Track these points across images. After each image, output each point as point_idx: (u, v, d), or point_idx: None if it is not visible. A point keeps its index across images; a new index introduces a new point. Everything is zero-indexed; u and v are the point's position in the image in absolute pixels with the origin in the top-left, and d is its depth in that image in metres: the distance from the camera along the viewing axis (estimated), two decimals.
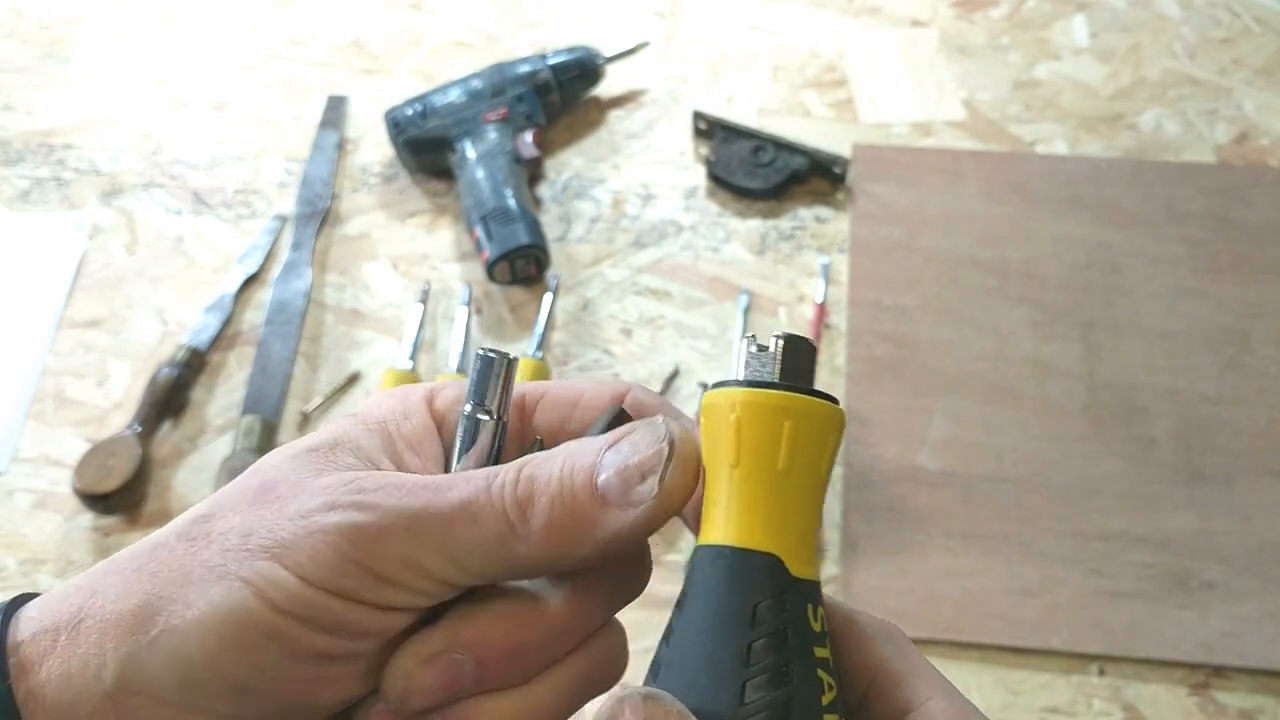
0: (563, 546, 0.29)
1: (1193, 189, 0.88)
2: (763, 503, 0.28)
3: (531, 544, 0.29)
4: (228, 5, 1.05)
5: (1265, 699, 0.67)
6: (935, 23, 1.01)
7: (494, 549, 0.29)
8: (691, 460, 0.30)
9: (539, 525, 0.29)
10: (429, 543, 0.28)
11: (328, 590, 0.28)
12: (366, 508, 0.28)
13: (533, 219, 0.84)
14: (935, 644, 0.69)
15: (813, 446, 0.28)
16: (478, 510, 0.29)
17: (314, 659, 0.28)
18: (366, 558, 0.28)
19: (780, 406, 0.27)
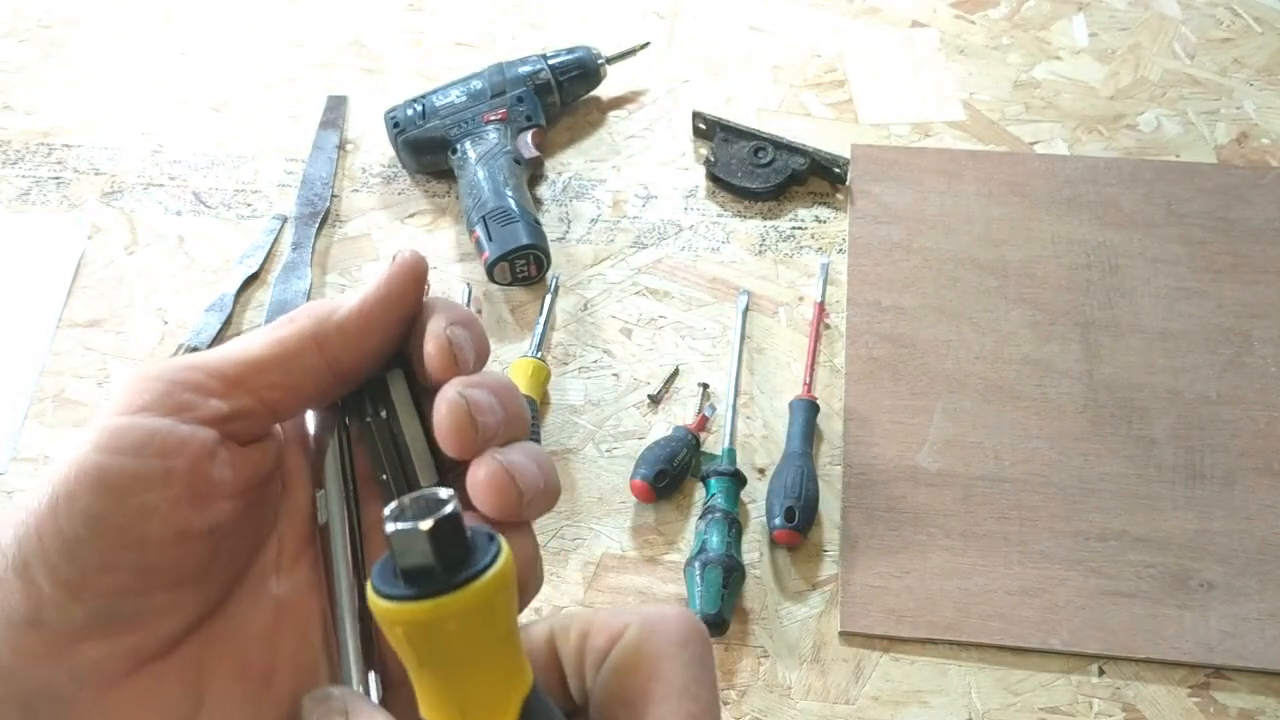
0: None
1: (1193, 189, 0.88)
2: (418, 688, 0.29)
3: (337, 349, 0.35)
4: (228, 5, 1.05)
5: (1265, 699, 0.67)
6: (935, 23, 1.01)
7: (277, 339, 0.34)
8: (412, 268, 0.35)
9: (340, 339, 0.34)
10: (221, 353, 0.33)
11: (128, 411, 0.31)
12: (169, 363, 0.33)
13: (533, 219, 0.84)
14: (935, 644, 0.69)
15: (428, 642, 0.28)
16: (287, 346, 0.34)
17: (126, 487, 0.30)
18: (160, 370, 0.32)
19: (387, 618, 0.27)
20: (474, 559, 0.27)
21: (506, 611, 0.28)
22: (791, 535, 0.72)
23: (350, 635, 0.33)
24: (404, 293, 0.35)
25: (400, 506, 0.27)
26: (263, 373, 0.33)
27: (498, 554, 0.28)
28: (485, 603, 0.27)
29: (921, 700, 0.68)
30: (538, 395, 0.78)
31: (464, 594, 0.27)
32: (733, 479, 0.73)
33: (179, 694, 0.31)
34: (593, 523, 0.75)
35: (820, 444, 0.77)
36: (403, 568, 0.27)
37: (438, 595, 0.27)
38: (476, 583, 0.27)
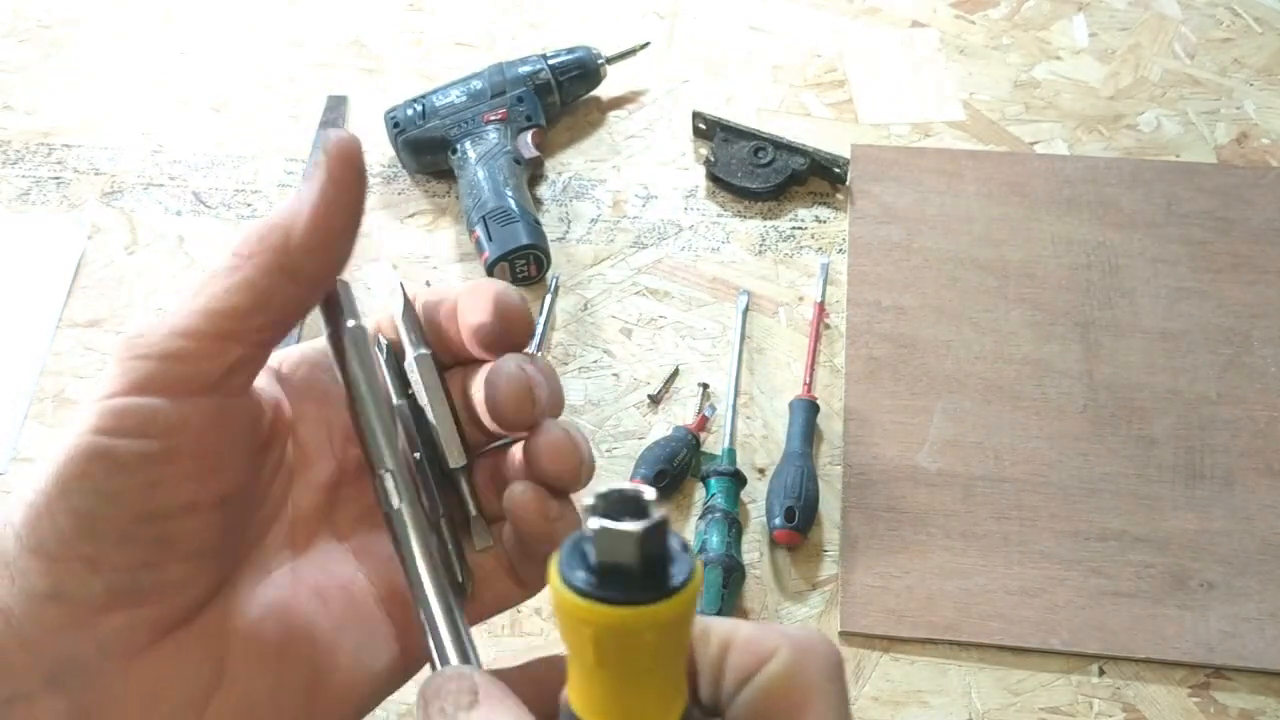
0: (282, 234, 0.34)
1: (1193, 189, 0.88)
2: (582, 686, 0.28)
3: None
4: (228, 5, 1.05)
5: (1265, 699, 0.67)
6: (935, 23, 1.01)
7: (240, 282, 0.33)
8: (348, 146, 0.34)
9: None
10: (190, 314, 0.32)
11: (117, 393, 0.31)
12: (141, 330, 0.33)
13: (533, 219, 0.84)
14: (935, 644, 0.69)
15: (618, 648, 0.27)
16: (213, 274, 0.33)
17: (133, 466, 0.30)
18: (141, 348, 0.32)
19: (579, 616, 0.26)
20: (673, 568, 0.27)
21: (689, 630, 0.28)
22: (791, 535, 0.72)
23: (443, 623, 0.34)
24: (351, 187, 0.34)
25: (600, 500, 0.27)
26: (247, 319, 0.32)
27: (694, 565, 0.27)
28: (683, 615, 0.27)
29: (921, 700, 0.68)
30: None
31: (667, 605, 0.26)
32: (733, 479, 0.73)
33: (201, 662, 0.32)
34: None
35: (820, 444, 0.77)
36: (603, 568, 0.26)
37: (642, 603, 0.26)
38: (679, 595, 0.26)
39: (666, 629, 0.27)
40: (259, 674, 0.33)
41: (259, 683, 0.33)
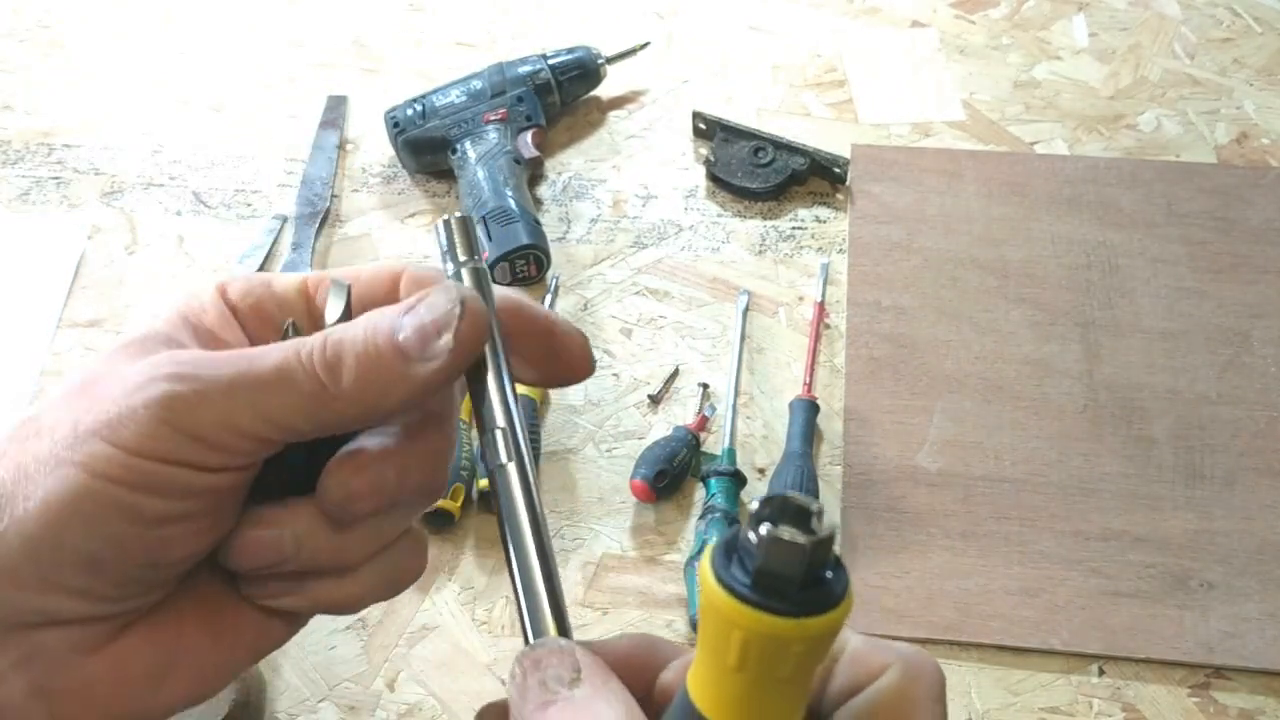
0: (371, 399, 0.32)
1: (1193, 189, 0.88)
2: (714, 683, 0.28)
3: (343, 400, 0.32)
4: (228, 5, 1.05)
5: (1265, 699, 0.67)
6: (935, 23, 1.01)
7: (308, 407, 0.32)
8: (480, 317, 0.33)
9: (349, 381, 0.32)
10: (246, 405, 0.31)
11: (155, 458, 0.30)
12: (185, 378, 0.31)
13: (533, 219, 0.84)
14: (935, 644, 0.69)
15: (764, 655, 0.27)
16: (291, 372, 0.31)
17: (154, 523, 0.31)
18: (188, 423, 0.30)
19: (731, 618, 0.26)
20: (832, 582, 0.27)
21: (798, 661, 0.28)
22: None
23: (543, 589, 0.33)
24: (464, 362, 0.34)
25: (767, 506, 0.27)
26: (300, 435, 0.32)
27: (848, 582, 0.27)
28: (834, 630, 0.27)
29: None
30: (538, 395, 0.78)
31: (823, 619, 0.26)
32: (733, 479, 0.73)
33: (158, 646, 0.33)
34: (593, 523, 0.75)
35: (820, 444, 0.77)
36: (763, 574, 0.26)
37: (799, 615, 0.26)
38: (836, 610, 0.26)
39: (816, 643, 0.27)
40: (211, 650, 0.34)
41: (212, 655, 0.34)
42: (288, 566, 0.33)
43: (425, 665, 0.69)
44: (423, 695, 0.68)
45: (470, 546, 0.74)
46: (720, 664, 0.27)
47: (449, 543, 0.74)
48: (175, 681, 0.33)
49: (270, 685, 0.68)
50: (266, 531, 0.33)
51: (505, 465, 0.34)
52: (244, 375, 0.31)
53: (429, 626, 0.71)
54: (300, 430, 0.32)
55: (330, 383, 0.31)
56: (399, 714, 0.68)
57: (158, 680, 0.33)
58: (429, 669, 0.69)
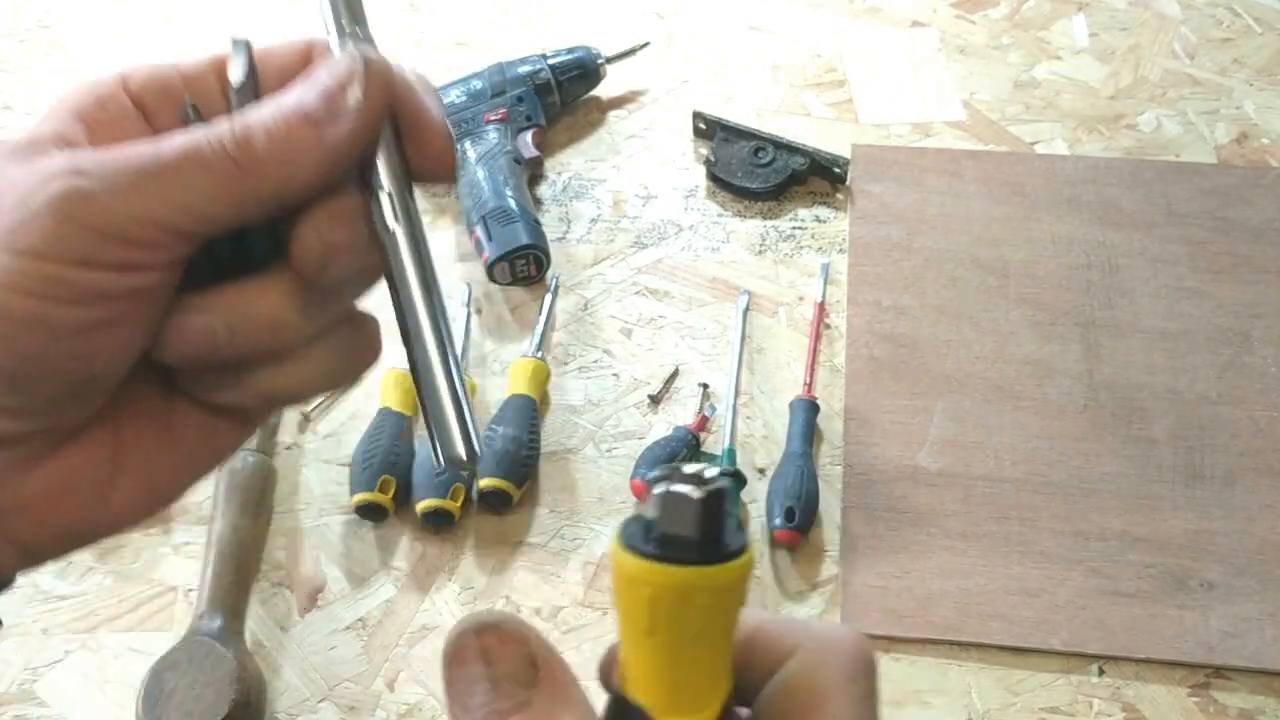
0: (286, 172, 0.30)
1: (1193, 189, 0.88)
2: (633, 659, 0.29)
3: (256, 176, 0.30)
4: (228, 6, 1.05)
5: (1265, 699, 0.67)
6: (935, 23, 1.01)
7: (222, 189, 0.30)
8: (385, 71, 0.31)
9: (261, 156, 0.30)
10: (157, 194, 0.29)
11: (66, 261, 0.28)
12: (86, 173, 0.29)
13: (533, 219, 0.84)
14: (935, 644, 0.69)
15: (671, 610, 0.28)
16: (200, 155, 0.29)
17: (74, 334, 0.29)
18: (96, 219, 0.28)
19: (638, 577, 0.28)
20: (728, 540, 0.28)
21: (741, 603, 0.29)
22: (791, 535, 0.72)
23: (446, 396, 0.32)
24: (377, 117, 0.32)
25: (665, 469, 0.28)
26: (218, 224, 0.30)
27: (747, 541, 0.28)
28: (737, 582, 0.28)
29: (921, 700, 0.68)
30: (538, 395, 0.78)
31: (722, 569, 0.27)
32: (733, 479, 0.73)
33: (99, 457, 0.32)
34: (593, 523, 0.75)
35: (820, 444, 0.77)
36: (663, 532, 0.28)
37: (701, 564, 0.27)
38: (734, 561, 0.28)
39: (719, 593, 0.28)
40: (156, 451, 0.33)
41: (158, 457, 0.33)
42: (222, 356, 0.31)
43: (425, 665, 0.69)
44: (423, 695, 0.68)
45: (470, 546, 0.74)
46: (635, 633, 0.28)
47: (449, 543, 0.74)
48: (125, 489, 0.32)
49: (270, 685, 0.68)
50: (196, 318, 0.31)
51: (394, 231, 0.32)
52: (150, 163, 0.29)
53: (429, 626, 0.71)
54: (217, 216, 0.30)
55: (242, 159, 0.30)
56: (399, 714, 0.68)
57: (105, 489, 0.32)
58: (429, 669, 0.69)
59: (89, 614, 0.72)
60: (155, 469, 0.33)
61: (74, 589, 0.73)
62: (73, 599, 0.72)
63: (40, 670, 0.70)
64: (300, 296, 0.32)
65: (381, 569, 0.73)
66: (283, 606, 0.72)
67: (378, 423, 0.76)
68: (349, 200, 0.32)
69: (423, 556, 0.73)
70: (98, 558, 0.74)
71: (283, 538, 0.74)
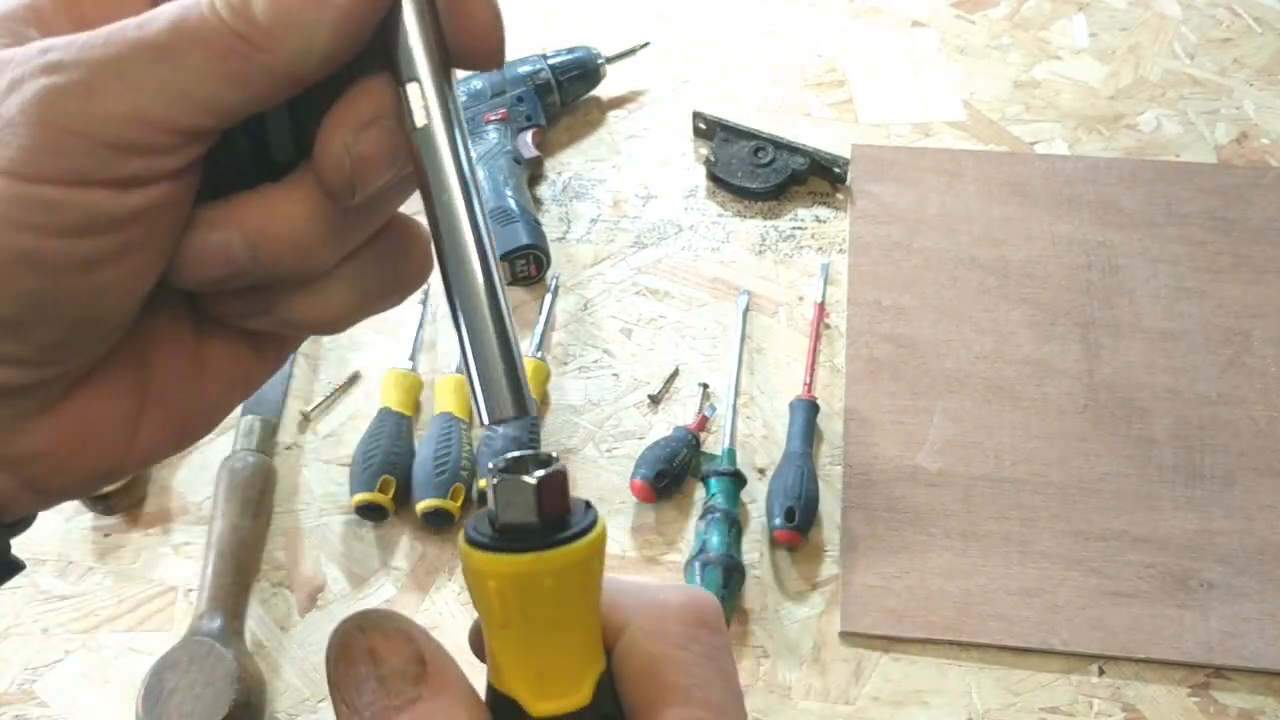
0: (298, 40, 0.25)
1: (1193, 189, 0.88)
2: (496, 651, 0.28)
3: (265, 49, 0.25)
4: None
5: (1265, 699, 0.67)
6: (935, 23, 1.01)
7: (226, 68, 0.24)
8: None
9: (265, 23, 0.24)
10: (151, 84, 0.24)
11: (57, 180, 0.24)
12: (63, 67, 0.24)
13: (533, 219, 0.84)
14: (935, 644, 0.69)
15: (522, 600, 0.27)
16: (193, 29, 0.24)
17: (78, 269, 0.25)
18: (84, 124, 0.24)
19: (482, 570, 0.27)
20: (572, 521, 0.27)
21: (597, 580, 0.28)
22: (791, 535, 0.72)
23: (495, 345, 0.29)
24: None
25: (502, 460, 0.27)
26: (230, 114, 0.25)
27: (595, 520, 0.28)
28: (583, 563, 0.27)
29: (921, 700, 0.68)
30: (538, 395, 0.78)
31: (564, 551, 0.27)
32: (733, 479, 0.73)
33: (123, 392, 0.28)
34: None
35: (820, 444, 0.77)
36: (504, 522, 0.27)
37: (542, 549, 0.27)
38: (577, 542, 0.27)
39: (566, 575, 0.27)
40: (183, 386, 0.29)
41: (185, 393, 0.29)
42: (245, 278, 0.27)
43: None
44: None
45: None
46: (492, 626, 0.28)
47: (449, 543, 0.74)
48: (152, 425, 0.29)
49: (270, 685, 0.68)
50: (210, 234, 0.26)
51: (428, 127, 0.27)
52: (138, 47, 0.24)
53: (429, 626, 0.71)
54: (226, 103, 0.25)
55: (245, 30, 0.24)
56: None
57: (131, 427, 0.29)
58: None
59: (89, 614, 0.72)
60: (184, 402, 0.29)
61: (74, 589, 0.73)
62: (73, 599, 0.72)
63: (40, 670, 0.70)
64: (328, 207, 0.27)
65: (381, 569, 0.73)
66: (283, 606, 0.72)
67: (378, 423, 0.76)
68: (379, 94, 0.27)
69: (423, 556, 0.73)
70: (98, 558, 0.74)
71: (283, 538, 0.74)
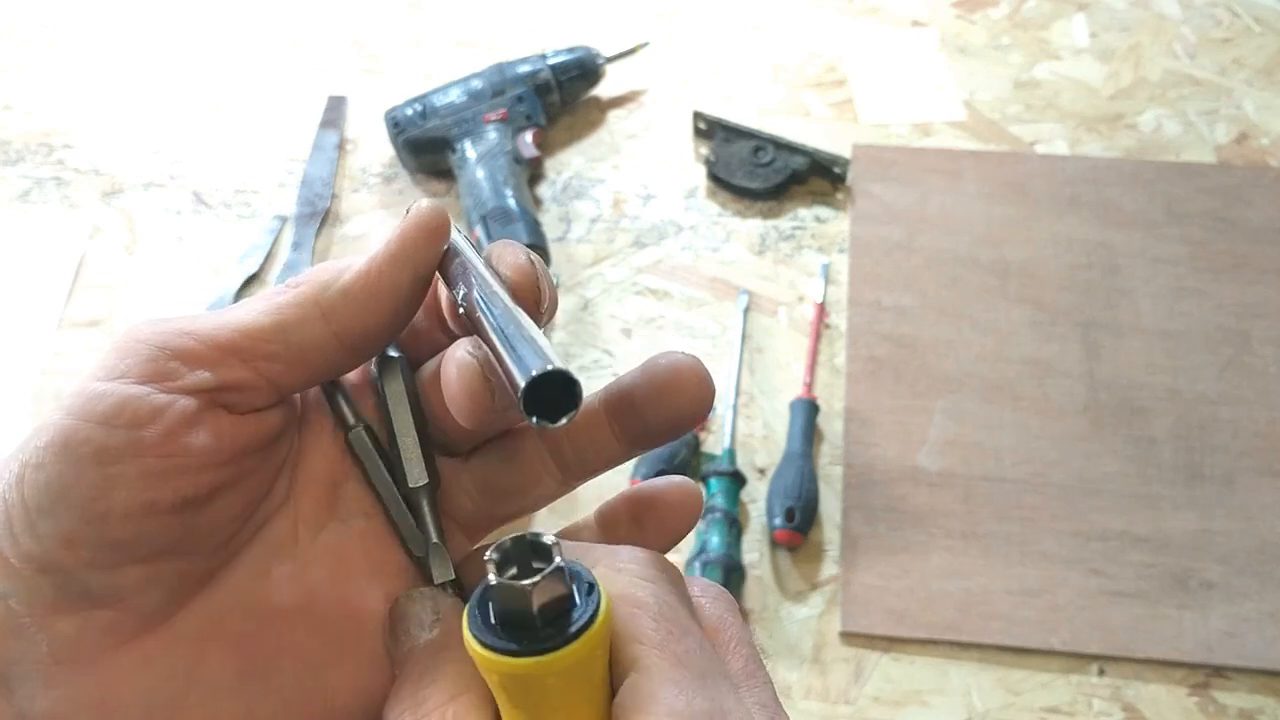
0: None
1: (1193, 189, 0.88)
2: (506, 717, 0.28)
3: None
4: (228, 5, 1.05)
5: (1265, 699, 0.67)
6: (935, 23, 1.01)
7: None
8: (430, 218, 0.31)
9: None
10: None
11: (101, 377, 0.29)
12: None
13: (533, 219, 0.84)
14: (935, 644, 0.69)
15: (525, 693, 0.27)
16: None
17: (94, 457, 0.28)
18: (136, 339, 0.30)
19: (485, 665, 0.27)
20: (574, 612, 0.27)
21: (604, 661, 0.28)
22: (792, 535, 0.72)
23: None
24: (418, 251, 0.31)
25: (498, 552, 0.27)
26: (260, 342, 0.30)
27: (598, 606, 0.27)
28: (586, 658, 0.27)
29: (921, 700, 0.68)
30: None
31: (565, 652, 0.26)
32: (733, 479, 0.73)
33: (166, 674, 0.29)
34: None
35: (820, 444, 0.77)
36: (501, 621, 0.27)
37: (540, 653, 0.26)
38: (578, 641, 0.26)
39: (568, 674, 0.27)
40: (235, 690, 0.30)
41: (234, 701, 0.30)
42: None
43: None
44: None
45: None
46: (502, 704, 0.28)
47: None
48: (186, 715, 0.30)
49: None
50: None
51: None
52: (214, 313, 0.30)
53: None
54: (264, 333, 0.30)
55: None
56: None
57: (164, 714, 0.29)
58: None
59: None
60: (227, 700, 0.30)
61: None
62: None
63: None
64: None
65: None
66: None
67: None
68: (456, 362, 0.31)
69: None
70: None
71: None
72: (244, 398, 0.30)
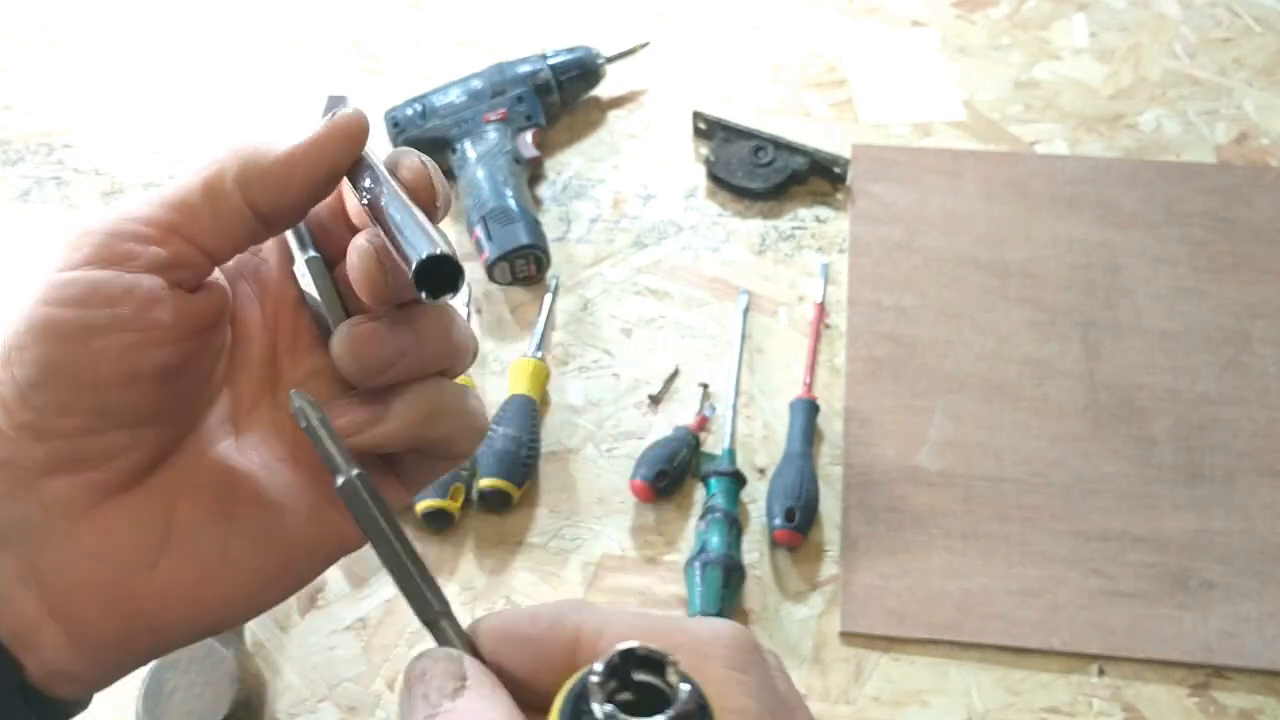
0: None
1: (1193, 189, 0.88)
2: None
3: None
4: (228, 5, 1.05)
5: (1265, 699, 0.67)
6: (935, 23, 1.01)
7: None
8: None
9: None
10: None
11: (69, 265, 0.33)
12: None
13: (533, 219, 0.84)
14: (935, 644, 0.69)
15: None
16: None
17: (79, 334, 0.32)
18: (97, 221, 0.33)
19: None
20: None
21: None
22: (792, 535, 0.72)
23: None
24: (335, 152, 0.35)
25: (608, 669, 0.25)
26: (193, 218, 0.33)
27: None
28: None
29: (921, 700, 0.68)
30: (538, 395, 0.78)
31: None
32: (733, 479, 0.73)
33: (147, 522, 0.33)
34: (592, 523, 0.75)
35: (820, 444, 0.77)
36: None
37: None
38: None
39: None
40: (208, 531, 0.34)
41: (208, 540, 0.34)
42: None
43: None
44: None
45: (470, 547, 0.74)
46: None
47: (449, 543, 0.74)
48: (171, 562, 0.33)
49: (270, 685, 0.68)
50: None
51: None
52: (144, 194, 0.35)
53: None
54: (196, 208, 0.33)
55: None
56: (399, 714, 0.68)
57: (150, 556, 0.33)
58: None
59: None
60: (205, 542, 0.34)
61: None
62: None
63: None
64: None
65: (381, 569, 0.73)
66: (283, 606, 0.72)
67: None
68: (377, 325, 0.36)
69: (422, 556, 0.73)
70: None
71: None
72: (191, 273, 0.34)
